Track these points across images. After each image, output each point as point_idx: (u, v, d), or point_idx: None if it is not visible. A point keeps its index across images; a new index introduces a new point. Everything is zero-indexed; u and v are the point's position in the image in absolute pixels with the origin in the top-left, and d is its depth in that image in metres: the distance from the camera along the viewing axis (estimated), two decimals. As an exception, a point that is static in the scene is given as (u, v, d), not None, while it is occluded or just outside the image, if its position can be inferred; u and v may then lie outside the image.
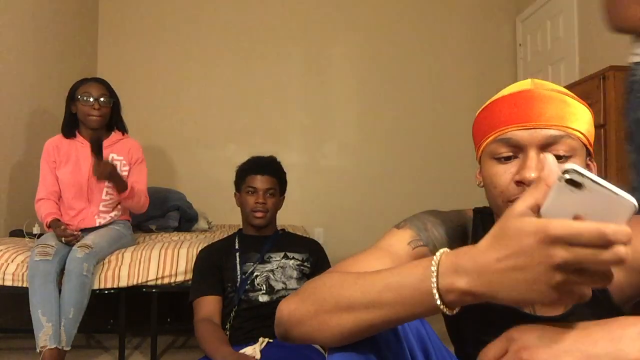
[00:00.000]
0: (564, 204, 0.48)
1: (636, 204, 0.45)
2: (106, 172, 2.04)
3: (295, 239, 1.89)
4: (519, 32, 4.01)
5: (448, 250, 0.57)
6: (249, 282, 1.68)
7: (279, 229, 1.90)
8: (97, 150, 2.01)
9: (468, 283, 0.53)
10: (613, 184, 0.46)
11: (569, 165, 0.48)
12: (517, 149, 0.73)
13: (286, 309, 0.69)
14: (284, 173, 1.88)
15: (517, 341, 0.53)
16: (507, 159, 0.74)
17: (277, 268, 1.72)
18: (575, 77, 3.07)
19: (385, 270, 0.62)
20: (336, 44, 3.97)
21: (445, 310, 0.56)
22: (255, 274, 1.70)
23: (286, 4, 3.92)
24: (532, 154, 0.71)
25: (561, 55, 3.44)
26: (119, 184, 2.13)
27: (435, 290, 0.55)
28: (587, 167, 0.77)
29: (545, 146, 0.71)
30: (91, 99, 2.16)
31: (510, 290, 0.50)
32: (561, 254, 0.46)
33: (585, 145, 0.75)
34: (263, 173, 1.79)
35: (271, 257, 1.74)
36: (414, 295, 0.57)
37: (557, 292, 0.48)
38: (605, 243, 0.45)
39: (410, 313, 0.59)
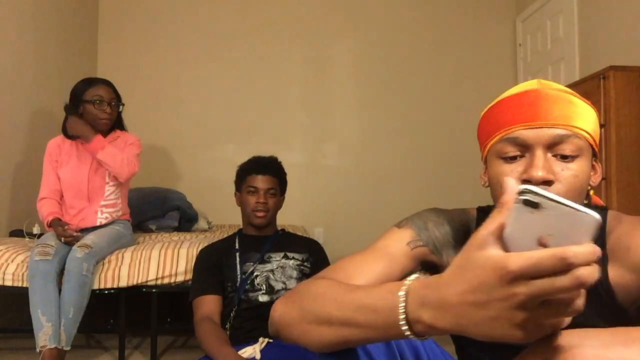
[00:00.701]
0: (526, 226, 0.45)
1: (599, 218, 0.43)
2: (75, 128, 2.12)
3: (295, 239, 1.89)
4: (519, 32, 4.01)
5: (420, 276, 0.56)
6: (249, 282, 1.68)
7: (279, 229, 1.90)
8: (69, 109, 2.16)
9: (432, 317, 0.51)
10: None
11: (524, 185, 0.46)
12: (524, 148, 0.73)
13: (278, 311, 0.71)
14: (285, 173, 1.88)
15: (562, 340, 0.50)
16: (513, 158, 0.74)
17: (277, 268, 1.72)
18: (575, 77, 3.07)
19: (362, 290, 0.62)
20: (336, 44, 3.97)
21: (416, 339, 0.55)
22: (255, 273, 1.70)
23: (286, 5, 3.92)
24: (539, 153, 0.71)
25: (561, 55, 3.44)
26: (88, 135, 2.15)
27: (403, 321, 0.54)
28: (593, 167, 0.77)
29: (551, 145, 0.71)
30: (104, 103, 2.18)
31: (475, 327, 0.48)
32: (523, 290, 0.43)
33: (591, 146, 0.75)
34: (264, 173, 1.79)
35: (271, 257, 1.74)
36: (385, 321, 0.56)
37: (523, 329, 0.45)
38: (567, 267, 0.42)
39: (383, 336, 0.58)
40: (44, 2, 3.08)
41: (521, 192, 0.45)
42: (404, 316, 0.53)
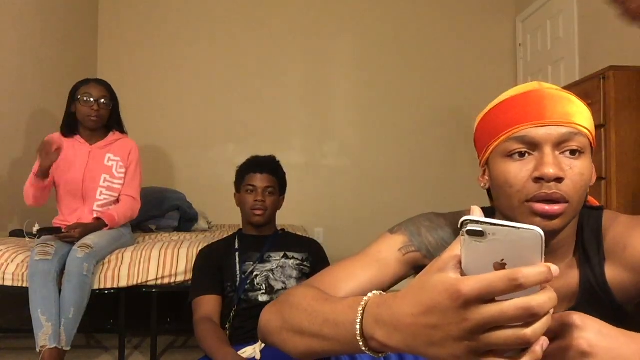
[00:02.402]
0: (478, 256, 0.46)
1: (541, 232, 0.43)
2: (76, 235, 2.04)
3: (294, 239, 1.89)
4: (519, 32, 4.01)
5: (378, 293, 0.57)
6: (248, 281, 1.68)
7: (278, 229, 1.90)
8: (56, 233, 2.06)
9: (385, 336, 0.51)
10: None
11: (464, 217, 0.46)
12: (532, 146, 0.72)
13: (264, 318, 0.74)
14: (284, 173, 1.88)
15: (579, 329, 0.51)
16: (522, 155, 0.73)
17: (276, 268, 1.72)
18: (575, 77, 3.07)
19: (330, 303, 0.63)
20: (336, 45, 3.96)
21: (374, 355, 0.55)
22: (254, 273, 1.70)
23: (286, 4, 3.92)
24: (549, 150, 0.71)
25: (561, 55, 3.44)
26: (100, 227, 2.14)
27: (359, 337, 0.54)
28: None
29: (559, 143, 0.71)
30: (91, 100, 2.18)
31: (425, 348, 0.48)
32: (474, 316, 0.43)
33: (590, 145, 0.75)
34: (262, 171, 1.80)
35: (271, 257, 1.74)
36: (345, 336, 0.56)
37: (475, 355, 0.45)
38: (517, 289, 0.42)
39: (347, 350, 0.59)
40: (45, 2, 3.08)
41: (462, 224, 0.46)
42: (360, 332, 0.54)
